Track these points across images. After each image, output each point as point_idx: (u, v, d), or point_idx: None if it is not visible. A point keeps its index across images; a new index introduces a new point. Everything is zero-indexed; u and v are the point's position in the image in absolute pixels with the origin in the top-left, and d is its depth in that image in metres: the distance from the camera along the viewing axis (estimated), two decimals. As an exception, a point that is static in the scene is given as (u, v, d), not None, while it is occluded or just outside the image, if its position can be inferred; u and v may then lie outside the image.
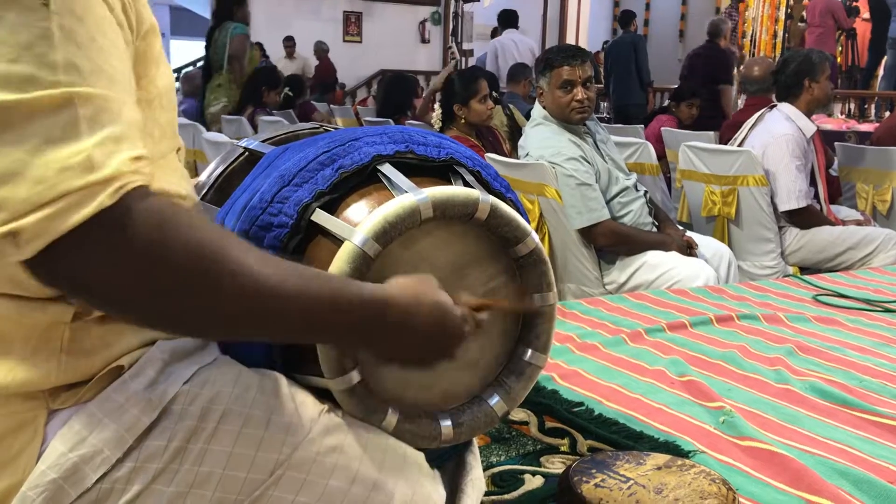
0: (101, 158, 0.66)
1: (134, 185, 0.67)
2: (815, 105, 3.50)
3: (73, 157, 0.64)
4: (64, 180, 0.64)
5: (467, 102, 3.47)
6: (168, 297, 0.69)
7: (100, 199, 0.65)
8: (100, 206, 0.65)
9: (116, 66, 0.70)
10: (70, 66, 0.66)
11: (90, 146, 0.65)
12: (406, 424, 0.93)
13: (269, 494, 0.82)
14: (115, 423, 0.79)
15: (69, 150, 0.65)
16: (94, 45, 0.68)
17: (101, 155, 0.66)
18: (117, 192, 0.66)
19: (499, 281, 0.99)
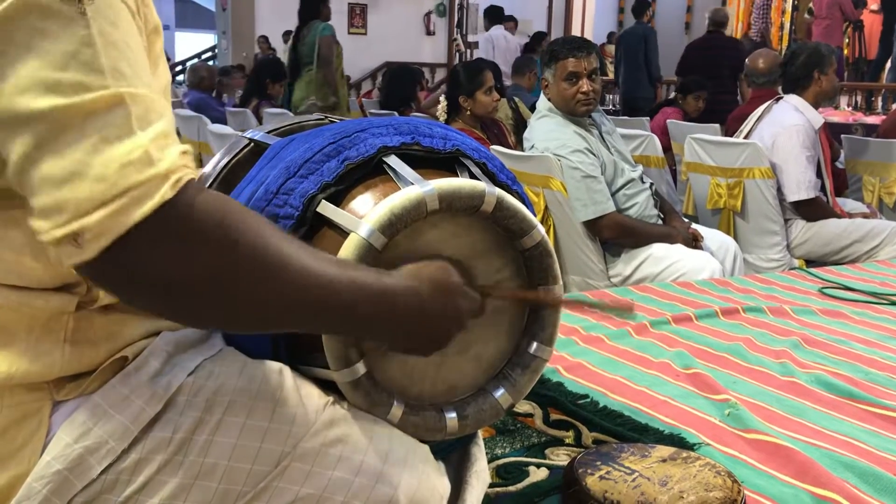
0: (157, 153, 0.66)
1: (189, 178, 0.68)
2: (823, 97, 3.49)
3: (132, 153, 0.65)
4: (125, 176, 0.64)
5: (472, 94, 3.46)
6: (231, 290, 0.69)
7: (162, 192, 0.65)
8: (163, 198, 0.65)
9: (146, 67, 0.71)
10: (115, 69, 0.66)
11: (147, 142, 0.66)
12: (411, 416, 0.93)
13: (273, 486, 0.83)
14: (120, 414, 0.79)
15: (127, 147, 0.65)
16: (129, 49, 0.69)
17: (156, 150, 0.66)
18: (177, 184, 0.66)
19: (505, 273, 0.99)
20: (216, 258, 0.68)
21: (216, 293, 0.69)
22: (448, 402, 0.98)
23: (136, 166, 0.65)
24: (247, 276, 0.70)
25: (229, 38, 12.03)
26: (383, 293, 0.81)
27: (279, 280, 0.71)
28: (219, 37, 12.99)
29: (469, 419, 0.98)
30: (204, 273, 0.68)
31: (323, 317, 0.77)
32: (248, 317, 0.73)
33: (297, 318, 0.76)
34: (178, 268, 0.67)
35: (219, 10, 12.55)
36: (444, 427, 0.95)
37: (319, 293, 0.75)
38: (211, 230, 0.68)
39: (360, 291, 0.78)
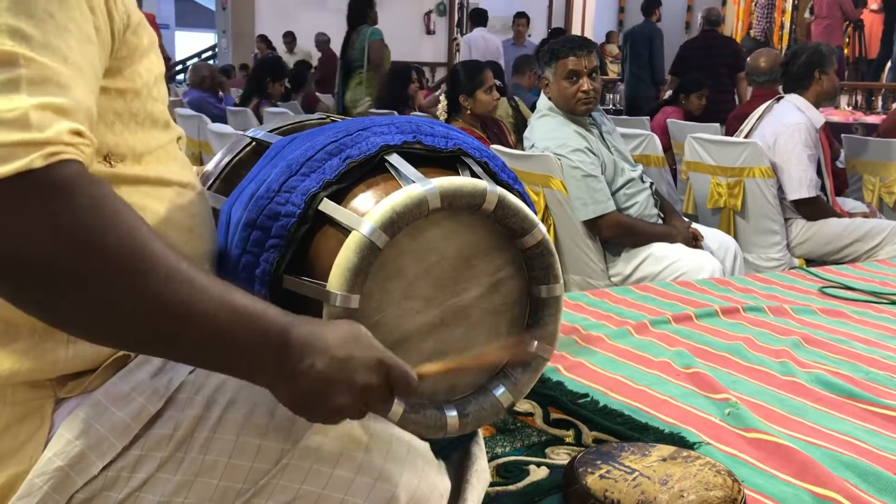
0: (39, 121, 0.63)
1: (69, 157, 0.64)
2: (824, 97, 3.49)
3: (9, 112, 0.62)
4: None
5: (473, 93, 3.46)
6: (77, 283, 0.64)
7: (30, 159, 0.62)
8: (27, 165, 0.62)
9: (74, 46, 0.69)
10: (15, 31, 0.64)
11: (29, 106, 0.63)
12: (412, 415, 0.93)
13: (274, 483, 0.83)
14: (121, 411, 0.79)
15: (5, 104, 0.62)
16: (52, 21, 0.67)
17: (39, 117, 0.63)
18: (50, 156, 0.63)
19: (505, 272, 0.99)
20: (68, 245, 0.63)
21: (61, 281, 0.63)
22: (449, 401, 0.98)
23: (7, 125, 0.62)
24: (103, 275, 0.64)
25: (229, 37, 12.04)
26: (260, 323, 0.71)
27: (138, 283, 0.65)
28: (219, 36, 12.99)
29: (470, 418, 0.98)
30: (51, 258, 0.62)
31: (184, 337, 0.69)
32: (91, 320, 0.66)
33: (151, 331, 0.68)
34: (23, 244, 0.62)
35: (219, 9, 12.55)
36: (445, 425, 0.96)
37: (188, 304, 0.67)
38: (69, 214, 0.63)
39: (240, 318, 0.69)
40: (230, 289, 0.71)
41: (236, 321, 0.70)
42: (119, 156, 0.80)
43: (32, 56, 0.65)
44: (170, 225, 0.86)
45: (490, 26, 8.71)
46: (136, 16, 0.80)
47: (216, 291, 0.69)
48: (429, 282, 0.94)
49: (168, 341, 0.69)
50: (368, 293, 0.89)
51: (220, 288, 0.70)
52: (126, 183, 0.81)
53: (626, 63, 7.88)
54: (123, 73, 0.79)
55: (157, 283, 0.66)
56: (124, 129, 0.81)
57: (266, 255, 0.92)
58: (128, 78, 0.80)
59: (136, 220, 0.67)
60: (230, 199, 1.02)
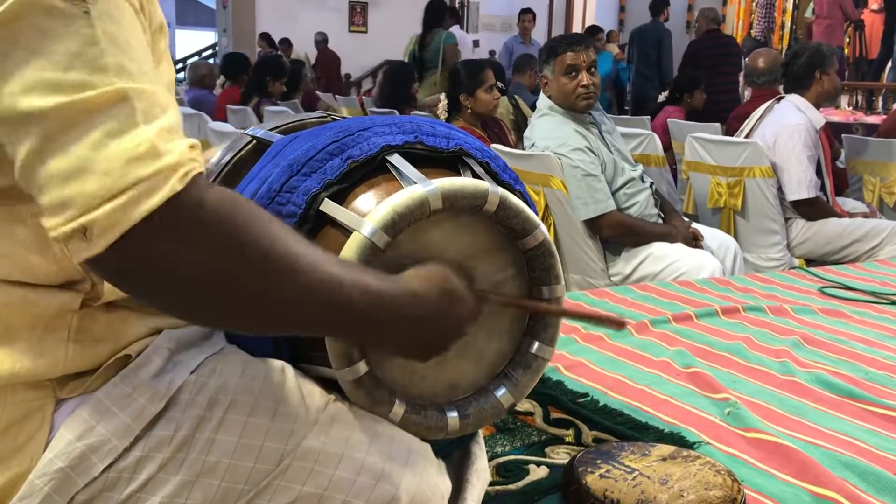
0: (164, 146, 0.66)
1: (198, 172, 0.67)
2: (825, 97, 3.49)
3: (138, 147, 0.65)
4: (132, 170, 0.64)
5: (473, 92, 3.46)
6: (238, 286, 0.69)
7: (171, 184, 0.65)
8: (172, 190, 0.65)
9: (149, 63, 0.71)
10: (120, 68, 0.66)
11: (152, 135, 0.66)
12: (412, 415, 0.93)
13: (275, 484, 0.83)
14: (122, 412, 0.79)
15: (132, 141, 0.65)
16: (133, 47, 0.69)
17: (163, 143, 0.66)
18: (185, 177, 0.66)
19: (507, 273, 0.99)
20: (224, 254, 0.67)
21: (223, 289, 0.68)
22: (449, 402, 0.99)
23: (142, 160, 0.64)
24: (254, 274, 0.69)
25: (230, 35, 12.03)
26: (387, 296, 0.80)
27: (287, 279, 0.71)
28: (219, 34, 12.99)
29: (470, 418, 0.98)
30: (212, 268, 0.67)
31: (328, 318, 0.77)
32: (253, 315, 0.72)
33: (302, 319, 0.75)
34: (186, 262, 0.66)
35: (219, 7, 12.56)
36: (446, 426, 0.96)
37: (325, 294, 0.74)
38: (220, 225, 0.67)
39: (365, 293, 0.77)
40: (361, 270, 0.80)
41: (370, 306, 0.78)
42: None
43: (136, 87, 0.67)
44: None
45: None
46: (157, 20, 0.81)
47: (351, 275, 0.77)
48: (430, 282, 0.94)
49: (318, 325, 0.78)
50: (369, 293, 0.89)
51: (354, 270, 0.79)
52: None
53: (632, 63, 7.85)
54: None
55: (306, 277, 0.72)
56: None
57: (267, 255, 0.92)
58: None
59: (265, 216, 0.72)
60: (231, 198, 1.02)
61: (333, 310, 0.76)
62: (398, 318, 0.82)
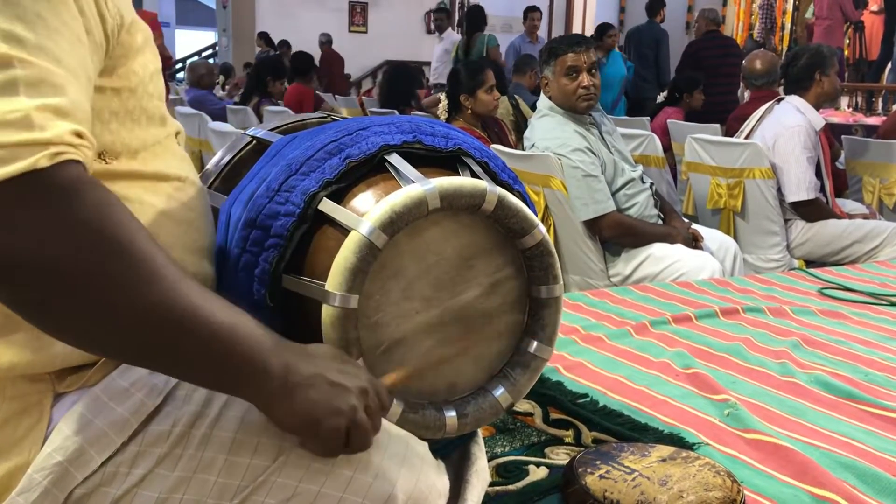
0: (41, 121, 0.63)
1: (72, 157, 0.65)
2: (825, 98, 3.49)
3: (9, 113, 0.63)
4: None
5: (474, 92, 3.46)
6: (83, 285, 0.64)
7: (34, 159, 0.62)
8: (32, 165, 0.62)
9: (66, 48, 0.69)
10: (8, 34, 0.64)
11: (30, 107, 0.63)
12: (410, 415, 0.93)
13: (272, 480, 0.82)
14: (120, 406, 0.80)
15: (6, 106, 0.63)
16: (42, 23, 0.67)
17: (41, 118, 0.63)
18: (55, 156, 0.63)
19: (505, 272, 0.99)
20: (73, 244, 0.63)
21: (65, 283, 0.63)
22: (448, 401, 0.99)
23: (10, 126, 0.62)
24: (105, 274, 0.64)
25: (230, 35, 12.04)
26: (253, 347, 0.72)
27: (141, 292, 0.65)
28: (219, 34, 13.00)
29: (468, 418, 0.98)
30: (56, 258, 0.62)
31: (182, 350, 0.69)
32: (91, 324, 0.66)
33: (148, 340, 0.68)
34: (27, 243, 0.62)
35: (219, 7, 12.56)
36: (444, 425, 0.96)
37: (186, 319, 0.67)
38: (74, 213, 0.63)
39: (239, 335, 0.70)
40: (229, 305, 0.72)
41: (234, 337, 0.71)
42: (114, 153, 0.81)
43: (27, 58, 0.65)
44: (168, 218, 0.86)
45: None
46: (129, 15, 0.80)
47: (216, 305, 0.70)
48: (428, 282, 0.94)
49: (164, 352, 0.70)
50: (367, 293, 0.89)
51: (221, 303, 0.71)
52: (122, 178, 0.81)
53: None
54: (118, 72, 0.80)
55: (161, 290, 0.67)
56: (120, 127, 0.81)
57: (265, 255, 0.92)
58: (122, 76, 0.80)
59: (139, 225, 0.68)
60: (230, 198, 1.02)
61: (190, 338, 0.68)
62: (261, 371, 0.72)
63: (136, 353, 0.70)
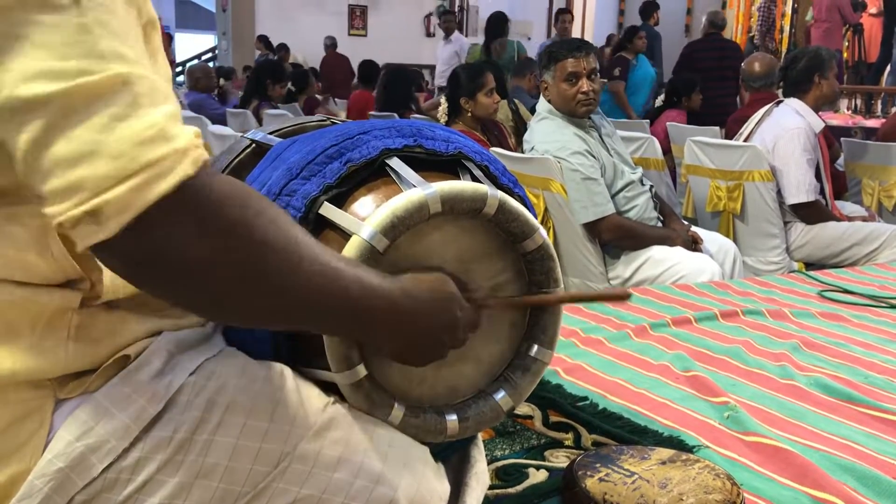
0: (174, 131, 0.65)
1: (205, 158, 0.67)
2: (824, 101, 3.50)
3: (147, 130, 0.64)
4: (143, 152, 0.63)
5: (474, 95, 3.47)
6: (248, 274, 0.68)
7: (183, 167, 0.64)
8: (184, 174, 0.64)
9: (145, 54, 0.70)
10: (116, 54, 0.66)
11: (161, 119, 0.65)
12: (411, 418, 0.93)
13: (273, 486, 0.83)
14: (121, 413, 0.79)
15: (141, 124, 0.64)
16: (129, 35, 0.68)
17: (171, 128, 0.65)
18: (196, 161, 0.65)
19: (506, 276, 0.99)
20: (237, 240, 0.67)
21: (230, 274, 0.67)
22: (448, 405, 0.99)
23: (153, 142, 0.64)
24: (260, 259, 0.68)
25: (229, 38, 12.05)
26: (383, 292, 0.80)
27: (290, 266, 0.70)
28: (219, 38, 13.01)
29: (469, 421, 0.98)
30: (223, 255, 0.66)
31: (325, 310, 0.76)
32: (253, 303, 0.71)
33: (304, 312, 0.75)
34: (198, 248, 0.65)
35: (219, 10, 12.57)
36: (445, 429, 0.96)
37: (325, 284, 0.74)
38: (232, 211, 0.67)
39: (362, 287, 0.77)
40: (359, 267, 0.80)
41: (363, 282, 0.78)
42: None
43: (137, 72, 0.66)
44: None
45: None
46: (147, 15, 0.80)
47: (350, 268, 0.77)
48: (429, 285, 0.94)
49: (315, 317, 0.77)
50: (369, 297, 0.89)
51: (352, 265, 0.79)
52: None
53: None
54: None
55: (308, 266, 0.72)
56: None
57: (266, 259, 0.92)
58: None
59: (273, 206, 0.72)
60: (231, 201, 1.02)
61: (331, 300, 0.75)
62: (394, 315, 0.81)
63: (298, 319, 0.77)
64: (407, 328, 0.84)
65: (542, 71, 2.96)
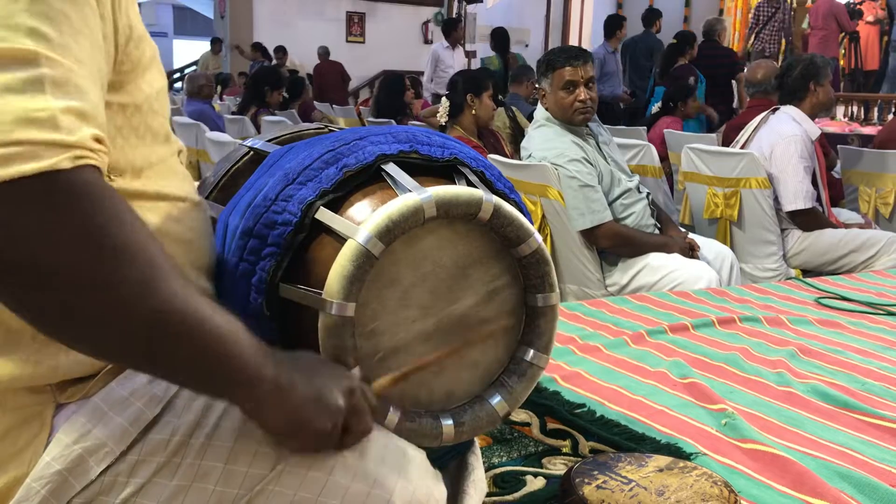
0: (68, 125, 0.63)
1: (92, 162, 0.65)
2: (819, 108, 3.51)
3: (37, 111, 0.62)
4: (23, 129, 0.61)
5: (480, 94, 3.47)
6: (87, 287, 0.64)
7: (58, 159, 0.62)
8: (55, 166, 0.62)
9: (87, 49, 0.69)
10: (35, 32, 0.64)
11: (57, 108, 0.63)
12: (407, 423, 0.93)
13: (269, 489, 0.82)
14: (119, 416, 0.80)
15: (33, 103, 0.62)
16: (67, 22, 0.66)
17: (67, 121, 0.63)
18: (77, 159, 0.63)
19: (501, 281, 0.99)
20: (82, 245, 0.63)
21: (73, 286, 0.63)
22: (444, 409, 0.98)
23: (37, 124, 0.62)
24: (115, 279, 0.64)
25: (227, 45, 12.06)
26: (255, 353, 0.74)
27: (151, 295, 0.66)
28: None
29: (465, 426, 0.98)
30: (62, 258, 0.62)
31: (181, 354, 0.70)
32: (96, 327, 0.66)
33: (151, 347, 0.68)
34: (35, 242, 0.61)
35: (217, 17, 12.60)
36: (441, 434, 0.95)
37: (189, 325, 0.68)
38: (86, 216, 0.63)
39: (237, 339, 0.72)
40: (227, 313, 0.73)
41: (230, 344, 0.72)
42: (118, 170, 0.81)
43: (53, 56, 0.64)
44: (169, 238, 0.86)
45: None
46: (139, 29, 0.80)
47: (216, 314, 0.71)
48: (425, 290, 0.94)
49: (164, 356, 0.70)
50: (364, 301, 0.89)
51: (220, 311, 0.72)
52: (125, 197, 0.81)
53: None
54: (126, 88, 0.80)
55: (167, 297, 0.67)
56: (125, 144, 0.81)
57: (262, 264, 0.92)
58: (129, 93, 0.80)
59: (150, 234, 0.68)
60: (227, 207, 1.02)
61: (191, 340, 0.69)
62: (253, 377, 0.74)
63: (137, 356, 0.70)
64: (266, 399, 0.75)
65: (539, 79, 2.97)
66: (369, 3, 12.67)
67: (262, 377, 0.74)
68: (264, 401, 0.75)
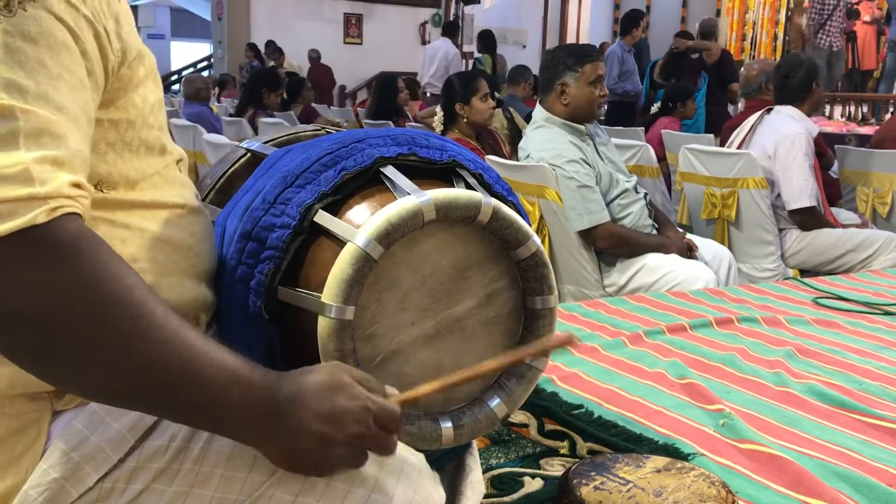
0: (41, 175, 0.63)
1: (69, 210, 0.65)
2: (817, 106, 3.54)
3: (10, 167, 0.62)
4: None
5: (468, 101, 3.47)
6: (78, 343, 0.64)
7: (33, 214, 0.62)
8: (31, 221, 0.62)
9: (67, 94, 0.69)
10: (11, 84, 0.64)
11: (29, 160, 0.63)
12: (407, 426, 0.93)
13: (269, 494, 0.82)
14: (116, 422, 0.79)
15: (5, 160, 0.62)
16: (44, 70, 0.67)
17: (40, 171, 0.63)
18: (53, 211, 0.63)
19: (500, 283, 1.00)
20: (64, 298, 0.63)
21: (63, 339, 0.64)
22: (444, 412, 0.99)
23: (10, 181, 0.62)
24: (103, 331, 0.64)
25: (225, 46, 12.06)
26: (252, 379, 0.72)
27: (141, 345, 0.66)
28: (214, 46, 13.01)
29: (464, 429, 0.98)
30: (47, 311, 0.63)
31: (179, 401, 0.70)
32: (89, 377, 0.67)
33: (146, 393, 0.69)
34: (19, 297, 0.62)
35: (214, 19, 12.58)
36: (440, 437, 0.96)
37: (183, 373, 0.68)
38: (79, 271, 0.63)
39: (234, 382, 0.70)
40: (224, 350, 0.72)
41: (230, 384, 0.71)
42: (111, 183, 0.81)
43: (28, 108, 0.64)
44: (167, 244, 0.86)
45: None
46: (134, 49, 0.80)
47: (214, 355, 0.70)
48: (424, 293, 0.94)
49: (161, 402, 0.70)
50: (363, 304, 0.90)
51: (219, 351, 0.71)
52: (120, 207, 0.81)
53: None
54: (116, 104, 0.80)
55: (158, 346, 0.67)
56: (117, 158, 0.81)
57: (261, 267, 0.92)
58: (121, 108, 0.80)
59: (136, 279, 0.68)
60: (225, 210, 1.02)
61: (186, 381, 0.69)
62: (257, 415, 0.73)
63: (133, 402, 0.71)
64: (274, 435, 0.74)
65: (562, 72, 2.92)
66: (367, 5, 12.67)
67: (264, 429, 0.73)
68: (269, 444, 0.75)
